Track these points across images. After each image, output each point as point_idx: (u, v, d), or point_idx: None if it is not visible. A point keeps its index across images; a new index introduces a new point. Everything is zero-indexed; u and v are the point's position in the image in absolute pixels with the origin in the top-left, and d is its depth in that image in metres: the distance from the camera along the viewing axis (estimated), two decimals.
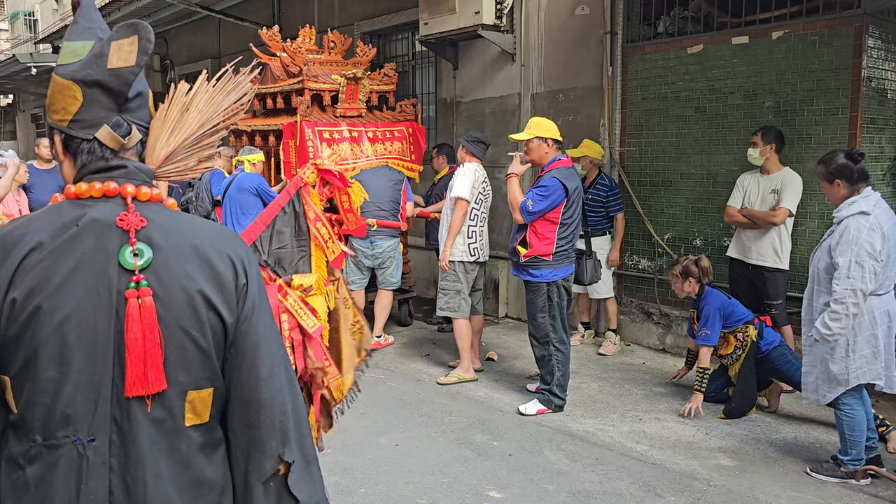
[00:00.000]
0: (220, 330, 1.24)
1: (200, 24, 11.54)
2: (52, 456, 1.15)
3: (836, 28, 4.89)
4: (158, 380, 1.17)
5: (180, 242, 1.24)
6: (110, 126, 1.24)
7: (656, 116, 5.95)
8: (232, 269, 1.26)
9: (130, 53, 1.22)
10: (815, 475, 3.75)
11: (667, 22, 5.91)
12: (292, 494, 1.26)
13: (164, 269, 1.20)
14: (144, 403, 1.17)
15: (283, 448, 1.27)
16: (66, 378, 1.14)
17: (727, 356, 4.64)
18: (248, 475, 1.27)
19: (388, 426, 4.45)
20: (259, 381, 1.27)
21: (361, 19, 8.72)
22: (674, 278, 4.80)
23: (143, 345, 1.16)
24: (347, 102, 6.34)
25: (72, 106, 1.24)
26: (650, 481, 3.72)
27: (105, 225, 1.20)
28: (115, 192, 1.23)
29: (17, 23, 23.37)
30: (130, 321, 1.16)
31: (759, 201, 4.92)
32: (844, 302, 3.46)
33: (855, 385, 3.59)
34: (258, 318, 1.29)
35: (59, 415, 1.15)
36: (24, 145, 20.31)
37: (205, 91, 1.40)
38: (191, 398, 1.22)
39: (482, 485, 3.70)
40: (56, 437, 1.15)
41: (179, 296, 1.20)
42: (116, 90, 1.23)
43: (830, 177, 3.63)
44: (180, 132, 1.35)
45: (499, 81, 7.22)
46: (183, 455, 1.22)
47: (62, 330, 1.14)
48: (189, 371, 1.21)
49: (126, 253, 1.18)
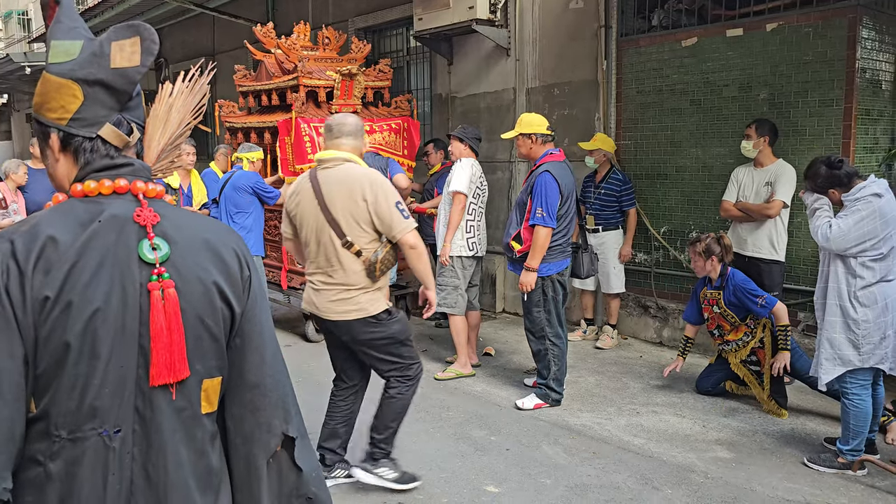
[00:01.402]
0: (230, 319, 1.30)
1: (195, 22, 11.51)
2: (77, 449, 1.17)
3: (831, 19, 4.89)
4: (184, 368, 1.22)
5: (192, 236, 1.28)
6: (112, 124, 1.26)
7: (651, 110, 5.95)
8: (237, 261, 1.32)
9: (134, 54, 1.24)
10: (812, 466, 3.77)
11: (661, 15, 5.90)
12: (296, 466, 1.35)
13: (181, 262, 1.24)
14: (168, 392, 1.22)
15: (287, 425, 1.35)
16: (94, 372, 1.17)
17: (734, 342, 4.61)
18: (252, 457, 1.33)
19: None
20: (263, 365, 1.34)
21: (356, 15, 8.71)
22: (696, 256, 4.68)
23: (169, 334, 1.20)
24: (342, 99, 6.33)
25: (71, 104, 1.25)
26: (647, 474, 3.73)
27: (124, 220, 1.23)
28: (125, 189, 1.26)
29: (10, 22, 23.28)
30: (155, 312, 1.20)
31: (753, 194, 4.93)
32: (815, 222, 3.65)
33: (860, 367, 3.62)
34: (260, 307, 1.35)
35: (87, 408, 1.17)
36: (18, 145, 20.27)
37: (181, 91, 1.43)
38: (205, 386, 1.27)
39: (480, 479, 3.70)
40: (82, 430, 1.17)
41: (197, 287, 1.25)
42: (121, 89, 1.26)
43: (822, 190, 3.69)
44: (167, 131, 1.39)
45: (494, 76, 7.21)
46: (198, 443, 1.27)
47: (93, 324, 1.16)
48: (205, 360, 1.26)
49: (145, 247, 1.22)
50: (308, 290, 3.47)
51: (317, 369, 5.31)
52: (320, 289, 3.36)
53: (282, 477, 1.34)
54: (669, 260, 5.94)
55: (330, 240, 3.27)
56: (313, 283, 3.41)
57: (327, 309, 3.36)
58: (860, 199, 3.55)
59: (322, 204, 3.26)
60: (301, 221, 3.36)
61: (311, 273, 3.43)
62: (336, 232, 3.25)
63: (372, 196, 3.21)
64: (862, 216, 3.51)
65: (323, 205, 3.26)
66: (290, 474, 1.35)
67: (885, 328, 3.60)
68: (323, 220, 3.27)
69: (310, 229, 3.33)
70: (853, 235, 3.51)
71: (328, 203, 3.25)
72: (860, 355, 3.61)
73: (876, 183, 3.59)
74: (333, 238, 3.26)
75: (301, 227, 3.38)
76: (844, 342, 3.64)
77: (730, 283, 4.55)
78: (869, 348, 3.60)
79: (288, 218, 3.46)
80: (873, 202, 3.52)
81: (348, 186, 3.24)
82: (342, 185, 3.25)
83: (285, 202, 3.47)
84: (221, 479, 1.31)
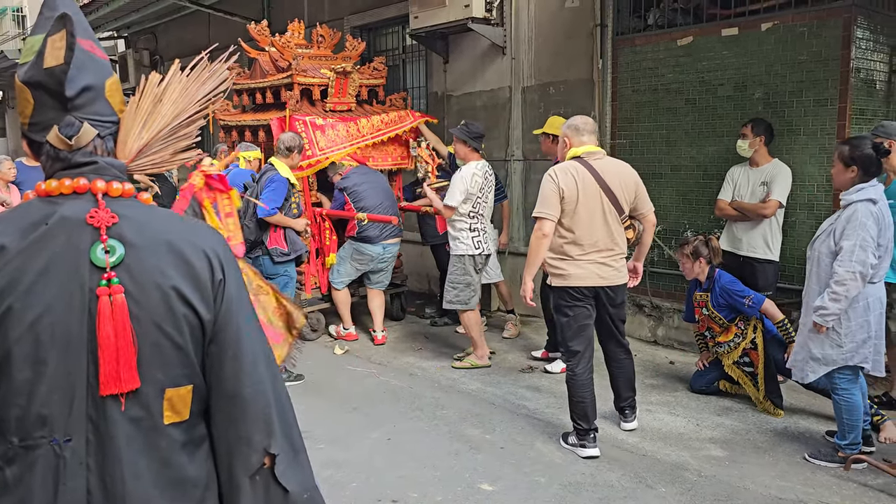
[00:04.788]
0: (198, 326, 1.22)
1: (189, 19, 11.47)
2: (29, 457, 1.14)
3: (825, 19, 4.90)
4: (131, 378, 1.16)
5: (153, 238, 1.22)
6: (59, 127, 1.21)
7: (647, 109, 5.95)
8: (208, 265, 1.24)
9: (60, 50, 1.18)
10: (813, 461, 3.79)
11: (656, 14, 5.90)
12: (280, 485, 1.25)
13: (136, 266, 1.18)
14: (119, 402, 1.16)
15: (269, 440, 1.25)
16: (40, 378, 1.13)
17: (725, 344, 4.62)
18: (233, 470, 1.25)
19: (380, 420, 4.45)
20: (241, 375, 1.25)
21: (351, 13, 8.69)
22: (684, 258, 4.71)
23: (116, 343, 1.15)
24: (337, 97, 6.32)
25: (27, 109, 1.22)
26: (641, 473, 3.73)
27: (75, 222, 1.18)
28: (85, 189, 1.21)
29: (4, 18, 23.18)
30: (102, 319, 1.14)
31: (748, 194, 4.93)
32: (846, 284, 3.53)
33: (843, 366, 3.65)
34: (238, 313, 1.27)
35: (34, 415, 1.13)
36: (13, 142, 20.20)
37: (178, 81, 1.36)
38: (169, 396, 1.20)
39: (474, 478, 3.70)
40: (32, 437, 1.14)
41: (153, 292, 1.18)
42: (54, 91, 1.20)
43: (850, 161, 3.63)
44: (153, 124, 1.32)
45: (489, 74, 7.20)
46: (163, 453, 1.20)
47: (35, 330, 1.13)
48: (166, 368, 1.20)
49: (97, 250, 1.17)
50: (586, 267, 3.88)
51: (314, 367, 5.31)
52: (606, 262, 3.91)
53: (268, 495, 1.25)
54: (664, 259, 5.94)
55: (613, 217, 3.87)
56: (596, 259, 3.89)
57: (614, 276, 3.95)
58: (854, 202, 3.57)
59: (605, 188, 3.84)
60: (578, 203, 3.82)
61: (586, 252, 3.87)
62: (617, 210, 3.87)
63: (636, 181, 3.96)
64: (860, 237, 3.51)
65: (606, 188, 3.84)
66: (276, 494, 1.25)
67: (868, 328, 3.63)
68: (607, 200, 3.84)
69: (589, 209, 3.83)
70: (870, 253, 3.53)
71: (611, 187, 3.85)
72: (844, 353, 3.64)
73: (874, 188, 3.60)
74: (615, 215, 3.87)
75: (576, 208, 3.82)
76: (827, 341, 3.66)
77: (717, 284, 4.57)
78: (852, 346, 3.63)
79: (560, 202, 3.82)
80: (870, 209, 3.54)
81: (621, 173, 3.92)
82: (617, 173, 3.91)
83: (561, 185, 3.81)
84: (207, 488, 1.25)
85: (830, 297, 3.57)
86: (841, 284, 3.54)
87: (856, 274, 3.51)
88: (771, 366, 4.47)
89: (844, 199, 3.65)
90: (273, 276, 5.21)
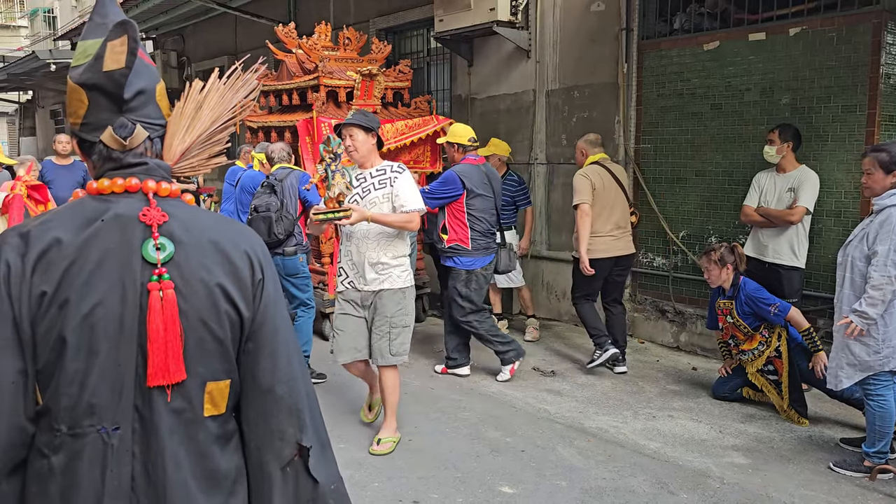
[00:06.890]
0: (238, 323, 1.27)
1: (217, 21, 11.61)
2: (77, 445, 1.18)
3: (854, 24, 4.85)
4: (178, 370, 1.21)
5: (200, 237, 1.27)
6: (114, 128, 1.26)
7: (672, 113, 5.93)
8: (249, 265, 1.29)
9: (121, 54, 1.23)
10: (838, 470, 3.76)
11: (682, 18, 5.88)
12: (311, 477, 1.31)
13: (184, 263, 1.23)
14: (165, 393, 1.21)
15: (301, 434, 1.31)
16: (92, 368, 1.18)
17: (749, 352, 4.59)
18: (264, 462, 1.30)
19: (400, 421, 4.46)
20: (277, 371, 1.31)
21: (377, 16, 8.74)
22: (711, 265, 4.65)
23: (165, 336, 1.19)
24: (363, 99, 6.37)
25: (80, 110, 1.27)
26: (663, 478, 3.72)
27: (129, 220, 1.23)
28: (136, 188, 1.26)
29: (36, 19, 23.61)
30: (152, 313, 1.19)
31: (775, 200, 4.89)
32: (882, 288, 3.53)
33: (880, 371, 3.63)
34: (274, 312, 1.32)
35: (84, 404, 1.18)
36: (42, 141, 20.53)
37: (216, 89, 1.41)
38: (209, 389, 1.25)
39: (494, 480, 3.71)
40: (81, 426, 1.18)
41: (199, 289, 1.23)
42: (112, 93, 1.25)
43: (891, 166, 3.63)
44: (195, 129, 1.37)
45: (514, 78, 7.21)
46: (200, 445, 1.25)
47: (89, 321, 1.17)
48: (208, 363, 1.25)
49: (149, 247, 1.21)
50: (607, 241, 5.21)
51: (336, 367, 5.35)
52: (620, 237, 5.30)
53: (298, 486, 1.30)
54: (688, 264, 5.91)
55: (624, 205, 5.35)
56: (613, 235, 5.24)
57: (627, 247, 5.36)
58: (888, 206, 3.57)
59: (620, 184, 5.31)
60: (602, 194, 5.18)
61: (608, 231, 5.22)
62: (627, 198, 5.40)
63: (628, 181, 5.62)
64: (894, 241, 3.51)
65: (620, 185, 5.31)
66: (305, 485, 1.31)
67: None
68: (621, 194, 5.32)
69: (610, 198, 5.23)
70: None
71: (621, 182, 5.33)
72: (881, 358, 3.62)
73: None
74: (625, 203, 5.37)
75: (601, 197, 5.17)
76: (864, 347, 3.64)
77: (742, 292, 4.54)
78: (889, 351, 3.61)
79: (592, 192, 5.14)
80: None
81: (623, 173, 5.46)
82: (622, 173, 5.44)
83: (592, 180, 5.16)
84: (236, 481, 1.30)
85: (868, 302, 3.57)
86: (877, 289, 3.54)
87: (892, 278, 3.51)
88: (795, 374, 4.43)
89: (878, 204, 3.65)
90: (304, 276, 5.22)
